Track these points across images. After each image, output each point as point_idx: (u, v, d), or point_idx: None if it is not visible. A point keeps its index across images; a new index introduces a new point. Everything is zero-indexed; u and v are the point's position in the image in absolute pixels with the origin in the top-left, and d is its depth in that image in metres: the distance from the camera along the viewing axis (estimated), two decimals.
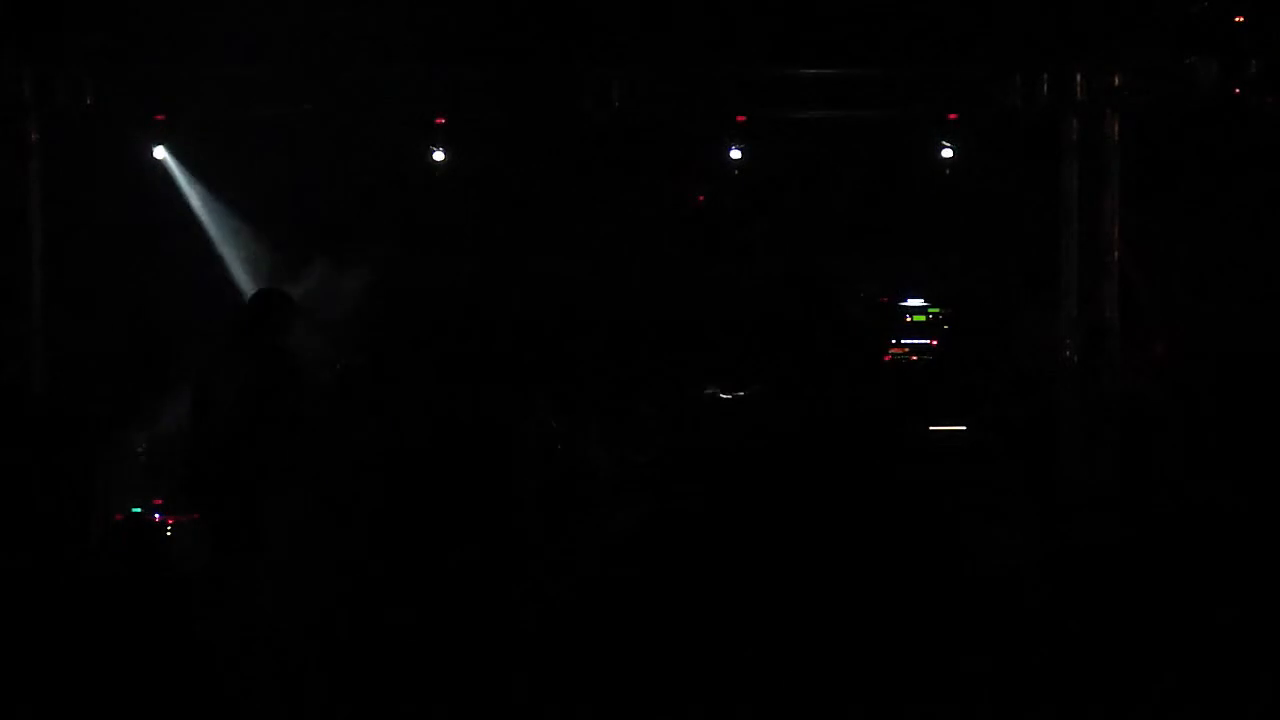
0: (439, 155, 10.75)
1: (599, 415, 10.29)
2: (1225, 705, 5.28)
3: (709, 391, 10.29)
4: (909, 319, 10.58)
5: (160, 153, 10.73)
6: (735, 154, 10.76)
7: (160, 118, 10.63)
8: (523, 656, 6.01)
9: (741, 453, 7.22)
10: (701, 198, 11.58)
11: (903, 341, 10.57)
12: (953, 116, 10.75)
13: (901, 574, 6.50)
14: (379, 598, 6.56)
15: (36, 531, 7.04)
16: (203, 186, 11.12)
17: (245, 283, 11.14)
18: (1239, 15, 8.57)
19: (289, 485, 7.94)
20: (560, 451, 9.96)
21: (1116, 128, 10.96)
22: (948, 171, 10.81)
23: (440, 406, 9.75)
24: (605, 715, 5.79)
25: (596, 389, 10.49)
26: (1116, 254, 10.99)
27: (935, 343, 10.62)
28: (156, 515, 10.01)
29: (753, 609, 6.18)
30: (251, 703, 5.94)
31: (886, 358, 10.55)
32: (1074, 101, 10.94)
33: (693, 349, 10.58)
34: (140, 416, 9.93)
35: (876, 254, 11.37)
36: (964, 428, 10.43)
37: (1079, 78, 10.87)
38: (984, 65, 10.86)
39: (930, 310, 10.57)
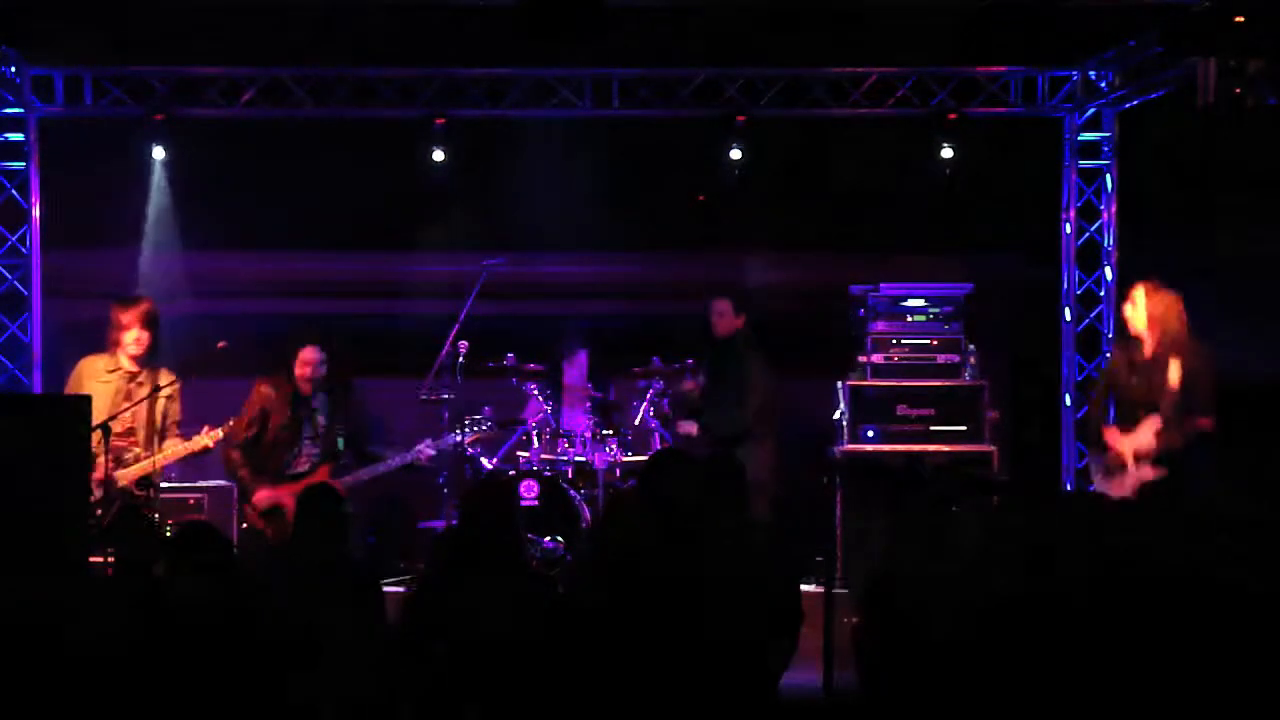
0: (438, 155, 10.73)
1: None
2: None
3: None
4: (909, 319, 10.57)
5: (159, 153, 10.68)
6: (735, 154, 10.74)
7: (160, 118, 10.60)
8: None
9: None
10: (701, 197, 11.56)
11: (904, 341, 10.57)
12: (952, 116, 10.74)
13: None
14: None
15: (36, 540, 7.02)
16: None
17: None
18: (1239, 15, 8.54)
19: None
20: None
21: (1116, 128, 10.98)
22: (948, 171, 10.80)
23: None
24: None
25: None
26: (1115, 255, 11.01)
27: (935, 342, 10.60)
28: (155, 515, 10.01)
29: None
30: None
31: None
32: (1072, 101, 10.95)
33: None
34: None
35: (876, 254, 11.36)
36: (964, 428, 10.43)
37: (1077, 77, 10.89)
38: (984, 65, 10.87)
39: (930, 310, 10.56)
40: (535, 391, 10.50)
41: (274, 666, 5.85)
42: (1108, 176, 11.06)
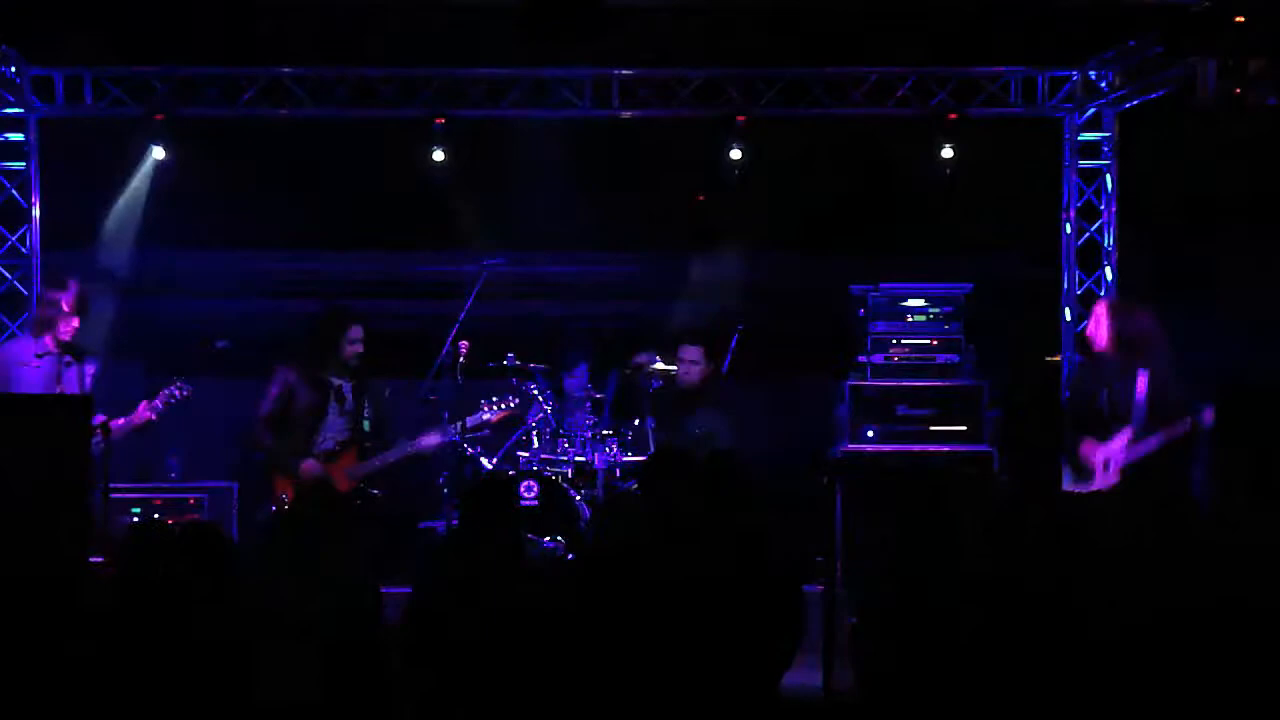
0: (438, 155, 10.73)
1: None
2: None
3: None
4: (909, 319, 10.57)
5: (159, 153, 10.68)
6: (735, 154, 10.74)
7: (160, 117, 10.60)
8: None
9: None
10: (701, 197, 11.57)
11: (904, 341, 10.58)
12: (953, 116, 10.74)
13: None
14: None
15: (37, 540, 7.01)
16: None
17: None
18: (1239, 15, 8.55)
19: None
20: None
21: (1116, 128, 10.98)
22: (948, 171, 10.79)
23: None
24: None
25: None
26: (1115, 255, 11.01)
27: (935, 342, 10.61)
28: (156, 515, 10.03)
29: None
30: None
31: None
32: (1072, 101, 10.95)
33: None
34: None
35: (876, 254, 11.36)
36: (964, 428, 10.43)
37: (1077, 77, 10.88)
38: (984, 65, 10.87)
39: (930, 310, 10.57)
40: (535, 391, 10.49)
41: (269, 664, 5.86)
42: (1108, 176, 11.05)
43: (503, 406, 10.06)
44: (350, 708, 5.99)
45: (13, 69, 10.43)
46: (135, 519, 9.91)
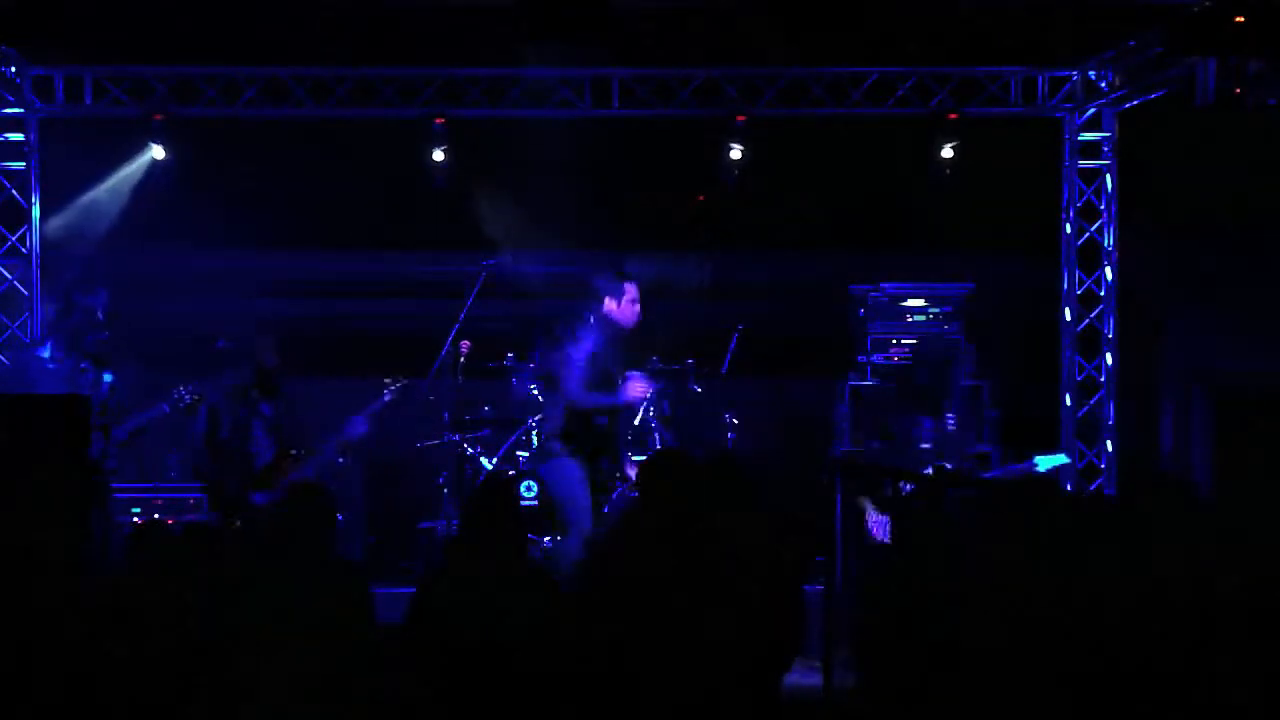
0: (438, 155, 10.74)
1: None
2: None
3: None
4: (909, 319, 10.58)
5: (159, 152, 10.68)
6: (735, 154, 10.74)
7: (160, 117, 10.61)
8: None
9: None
10: (701, 197, 11.57)
11: (904, 341, 10.60)
12: (952, 116, 10.74)
13: None
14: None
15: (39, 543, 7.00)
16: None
17: None
18: (1239, 15, 8.55)
19: None
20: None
21: (1116, 128, 10.98)
22: (948, 171, 10.80)
23: None
24: None
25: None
26: (1115, 255, 11.02)
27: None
28: (156, 515, 10.02)
29: None
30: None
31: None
32: (1072, 101, 10.95)
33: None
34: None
35: (876, 254, 11.37)
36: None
37: (1077, 77, 10.89)
38: (984, 65, 10.87)
39: (930, 310, 10.58)
40: (536, 392, 10.49)
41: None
42: (1108, 176, 11.05)
43: (395, 387, 9.91)
44: (349, 706, 5.99)
45: (13, 69, 10.43)
46: (135, 519, 9.90)
